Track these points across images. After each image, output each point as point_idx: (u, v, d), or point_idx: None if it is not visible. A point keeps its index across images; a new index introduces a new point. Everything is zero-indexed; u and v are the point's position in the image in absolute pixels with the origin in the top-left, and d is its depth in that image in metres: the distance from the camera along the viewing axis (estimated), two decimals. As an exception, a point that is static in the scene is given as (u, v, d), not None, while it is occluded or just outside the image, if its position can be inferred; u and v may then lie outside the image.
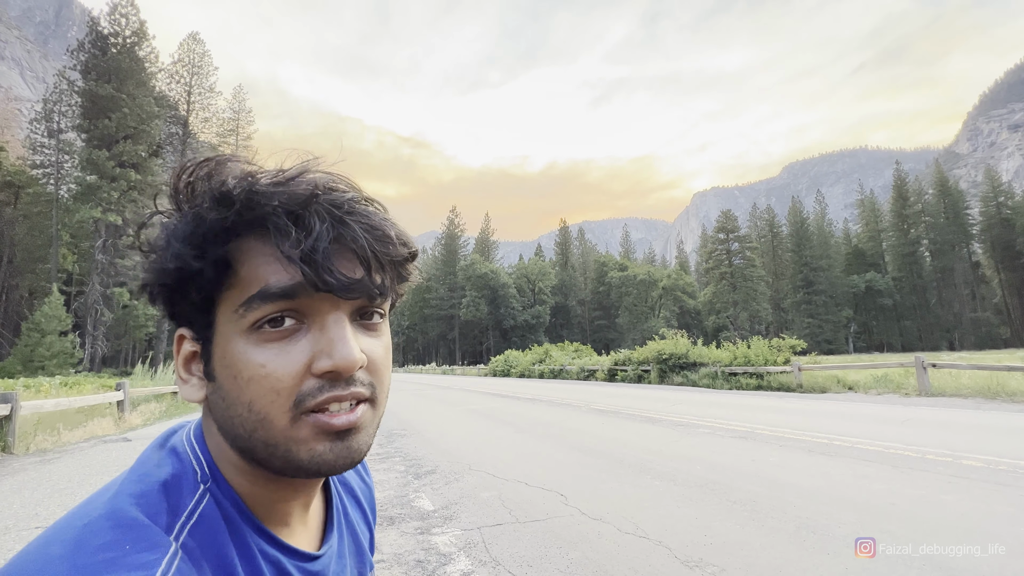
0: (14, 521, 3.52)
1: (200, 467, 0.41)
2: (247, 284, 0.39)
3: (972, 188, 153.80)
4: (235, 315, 0.39)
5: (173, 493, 0.38)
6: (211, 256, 0.39)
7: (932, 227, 77.68)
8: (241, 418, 0.39)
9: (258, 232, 0.39)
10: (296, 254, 0.38)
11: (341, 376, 0.39)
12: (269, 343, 0.39)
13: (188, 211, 0.41)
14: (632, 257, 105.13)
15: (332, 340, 0.39)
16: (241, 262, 0.39)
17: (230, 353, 0.39)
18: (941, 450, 4.67)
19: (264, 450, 0.39)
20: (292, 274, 0.38)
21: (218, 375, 0.40)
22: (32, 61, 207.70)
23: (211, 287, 0.40)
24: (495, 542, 2.88)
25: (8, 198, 45.59)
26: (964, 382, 9.67)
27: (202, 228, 0.39)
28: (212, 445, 0.43)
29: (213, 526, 0.38)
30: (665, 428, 6.79)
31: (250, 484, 0.42)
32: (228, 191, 0.39)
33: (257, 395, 0.38)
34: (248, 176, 0.40)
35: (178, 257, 0.39)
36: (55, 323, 30.96)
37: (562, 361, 26.84)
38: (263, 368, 0.38)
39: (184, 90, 46.35)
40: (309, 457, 0.39)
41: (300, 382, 0.38)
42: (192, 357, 0.43)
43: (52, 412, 7.81)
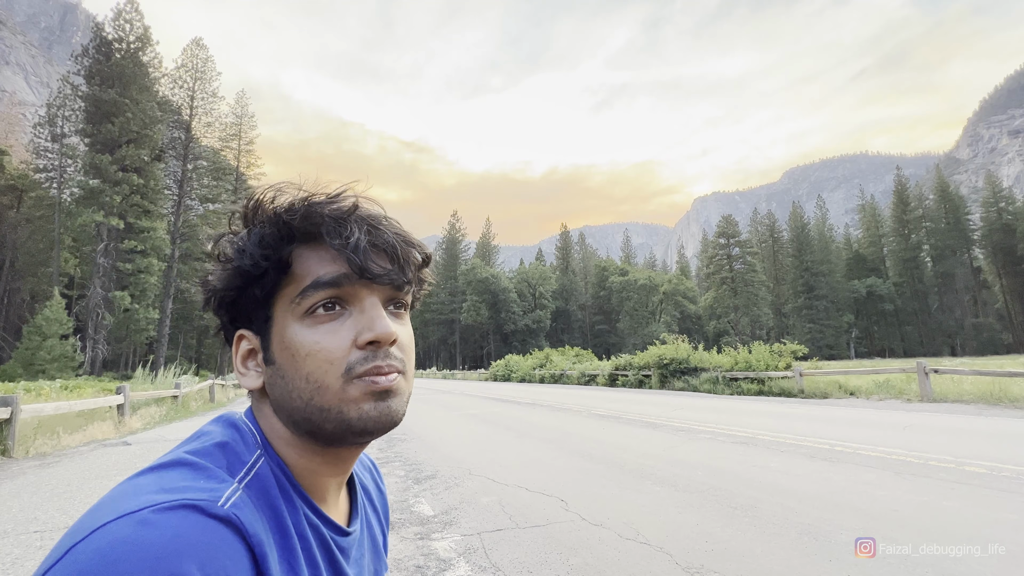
0: (12, 525, 3.50)
1: (255, 435, 0.50)
2: (301, 279, 0.49)
3: (973, 193, 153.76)
4: (292, 305, 0.49)
5: (231, 453, 0.46)
6: (275, 257, 0.49)
7: (933, 232, 77.60)
8: (299, 390, 0.48)
9: (309, 240, 0.50)
10: (344, 250, 0.48)
11: (381, 345, 0.49)
12: (321, 324, 0.48)
13: (256, 226, 0.51)
14: (633, 262, 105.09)
15: (372, 318, 0.49)
16: (296, 263, 0.50)
17: (288, 336, 0.49)
18: (944, 456, 4.65)
19: (319, 415, 0.47)
20: (338, 267, 0.49)
21: (277, 358, 0.49)
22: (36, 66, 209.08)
23: (272, 285, 0.50)
24: (495, 548, 2.87)
25: (11, 202, 45.76)
26: (966, 388, 9.63)
27: (269, 236, 0.50)
28: (265, 426, 0.51)
29: (267, 484, 0.46)
30: (666, 433, 6.77)
31: (298, 456, 0.50)
32: (292, 204, 0.50)
33: (314, 367, 0.47)
34: (305, 196, 0.51)
35: (252, 258, 0.49)
36: (56, 326, 30.98)
37: (563, 366, 26.78)
38: (318, 344, 0.48)
39: (187, 95, 46.60)
40: (358, 415, 0.47)
41: (348, 354, 0.48)
42: (249, 354, 0.52)
43: (52, 416, 7.80)
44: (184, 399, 13.47)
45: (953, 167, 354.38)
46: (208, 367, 50.63)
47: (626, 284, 78.38)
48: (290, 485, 0.48)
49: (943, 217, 77.31)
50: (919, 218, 79.05)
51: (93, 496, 4.23)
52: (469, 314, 74.73)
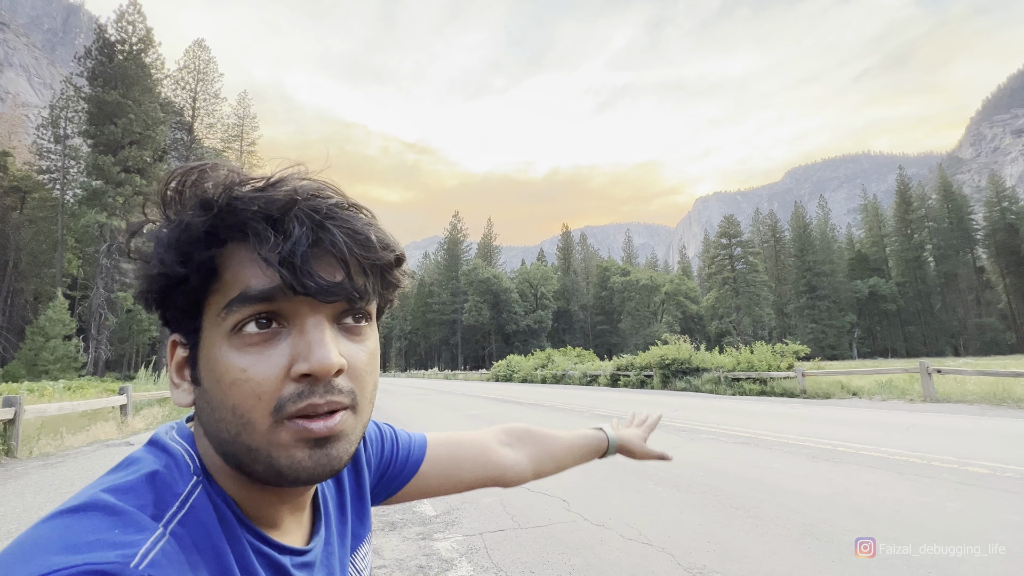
0: (16, 525, 3.52)
1: (191, 461, 0.42)
2: (229, 288, 0.40)
3: (976, 193, 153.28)
4: (218, 319, 0.40)
5: (161, 485, 0.39)
6: (195, 261, 0.40)
7: (936, 232, 77.40)
8: (225, 421, 0.40)
9: (240, 238, 0.40)
10: (275, 258, 0.38)
11: (319, 380, 0.39)
12: (250, 347, 0.39)
13: (174, 218, 0.41)
14: (634, 262, 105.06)
15: (310, 343, 0.39)
16: (225, 267, 0.40)
17: (213, 357, 0.40)
18: (946, 457, 4.64)
19: (247, 454, 0.40)
20: (271, 277, 0.39)
21: (203, 379, 0.41)
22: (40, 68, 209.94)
23: (197, 292, 0.41)
24: (497, 548, 2.87)
25: (14, 203, 45.95)
26: (969, 388, 9.60)
27: (186, 234, 0.40)
28: (201, 447, 0.43)
29: (204, 517, 0.39)
30: (668, 434, 6.76)
31: (237, 488, 0.43)
32: (208, 197, 0.40)
33: (239, 399, 0.39)
34: (229, 182, 0.41)
35: (163, 263, 0.40)
36: (59, 327, 31.09)
37: (564, 366, 26.77)
38: (244, 372, 0.39)
39: (189, 96, 46.76)
40: (288, 463, 0.39)
41: (281, 386, 0.39)
42: (184, 363, 0.44)
43: (55, 416, 7.83)
44: (186, 399, 13.49)
45: (956, 167, 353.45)
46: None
47: (628, 284, 78.35)
48: (232, 515, 0.41)
49: (946, 217, 77.11)
50: (922, 218, 78.85)
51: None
52: (471, 314, 74.77)
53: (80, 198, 37.07)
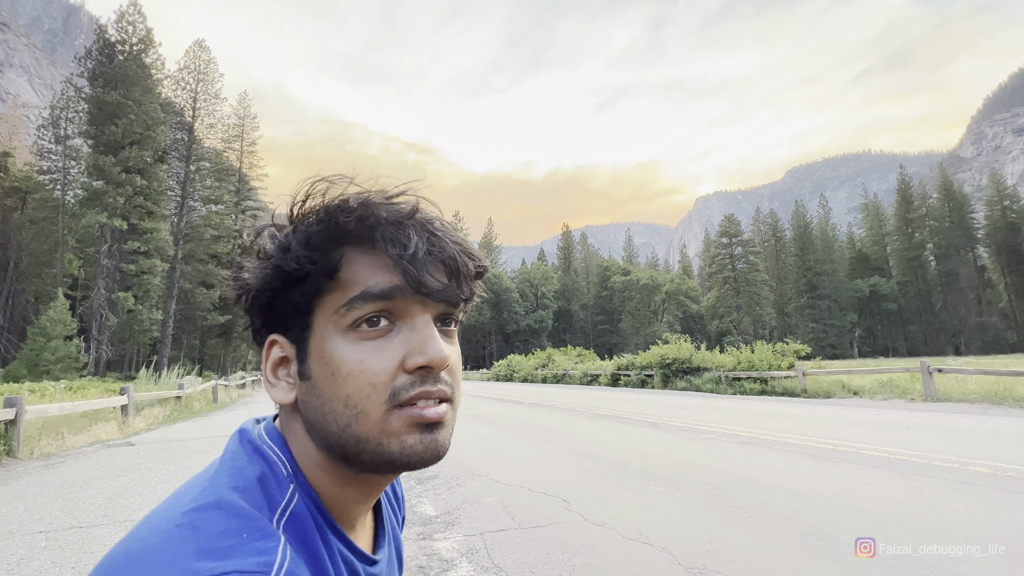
0: (18, 525, 3.52)
1: (285, 466, 0.44)
2: (348, 287, 0.43)
3: (977, 192, 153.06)
4: (335, 315, 0.43)
5: (268, 488, 0.41)
6: (323, 260, 0.43)
7: (937, 231, 77.28)
8: (336, 413, 0.42)
9: (359, 242, 0.44)
10: (399, 260, 0.43)
11: (432, 371, 0.43)
12: (366, 341, 0.43)
13: (303, 223, 0.45)
14: (635, 262, 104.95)
15: (424, 339, 0.43)
16: (344, 268, 0.44)
17: (328, 351, 0.43)
18: (948, 456, 4.63)
19: (356, 445, 0.42)
20: (391, 278, 0.43)
21: (314, 373, 0.43)
22: (40, 68, 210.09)
23: (315, 290, 0.44)
24: (497, 548, 2.87)
25: (15, 203, 46.00)
26: (971, 387, 9.59)
27: (318, 235, 0.44)
28: (295, 446, 0.45)
29: (304, 523, 0.41)
30: (668, 433, 6.76)
31: (330, 484, 0.45)
32: (347, 201, 0.44)
33: (354, 389, 0.41)
34: (361, 193, 0.45)
35: (297, 260, 0.43)
36: (60, 327, 31.12)
37: (565, 366, 26.76)
38: (361, 364, 0.42)
39: (190, 96, 46.77)
40: (400, 449, 0.42)
41: (394, 377, 0.42)
42: (281, 362, 0.46)
43: (57, 416, 7.83)
44: (188, 400, 13.52)
45: (957, 165, 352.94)
46: (211, 368, 50.75)
47: (628, 284, 78.29)
48: (323, 519, 0.44)
49: (947, 216, 76.97)
50: (923, 217, 78.72)
51: (97, 497, 4.25)
52: (471, 314, 74.60)
53: (81, 199, 37.08)
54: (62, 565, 2.77)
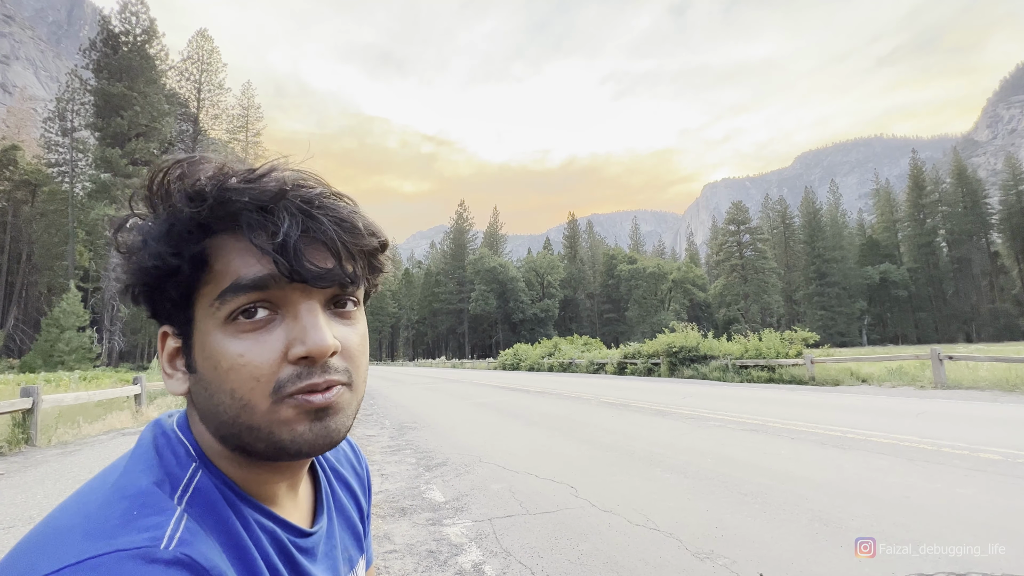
0: (38, 511, 3.61)
1: (188, 448, 0.43)
2: (221, 278, 0.41)
3: (991, 176, 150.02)
4: (211, 308, 0.41)
5: (169, 470, 0.41)
6: (187, 253, 0.41)
7: (949, 217, 76.00)
8: (224, 405, 0.41)
9: (230, 228, 0.41)
10: (268, 246, 0.40)
11: (315, 361, 0.41)
12: (245, 333, 0.41)
13: (163, 211, 0.42)
14: (641, 250, 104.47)
15: (305, 328, 0.41)
16: (215, 258, 0.41)
17: (209, 345, 0.41)
18: (957, 443, 4.60)
19: (248, 433, 0.41)
20: (264, 266, 0.40)
21: (199, 366, 0.42)
22: (46, 60, 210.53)
23: (188, 283, 0.41)
24: (506, 533, 2.91)
25: (25, 196, 46.49)
26: (982, 374, 9.50)
27: (177, 226, 0.41)
28: (197, 433, 0.45)
29: (210, 495, 0.40)
30: (675, 421, 6.77)
31: (235, 468, 0.44)
32: (201, 189, 0.40)
33: (238, 383, 0.40)
34: (219, 174, 0.41)
35: (156, 256, 0.41)
36: (73, 319, 31.61)
37: (571, 354, 26.82)
38: (241, 357, 0.40)
39: (194, 87, 46.78)
40: (291, 438, 0.41)
41: (278, 369, 0.40)
42: (176, 353, 0.45)
43: (72, 406, 7.99)
44: (199, 389, 13.73)
45: (971, 149, 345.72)
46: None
47: (635, 272, 77.96)
48: (233, 494, 0.43)
49: (960, 201, 75.62)
50: (935, 202, 77.40)
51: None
52: (477, 304, 74.91)
53: (89, 191, 37.47)
54: (82, 549, 2.83)
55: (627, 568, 2.38)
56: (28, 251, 46.55)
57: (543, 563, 2.48)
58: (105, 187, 35.77)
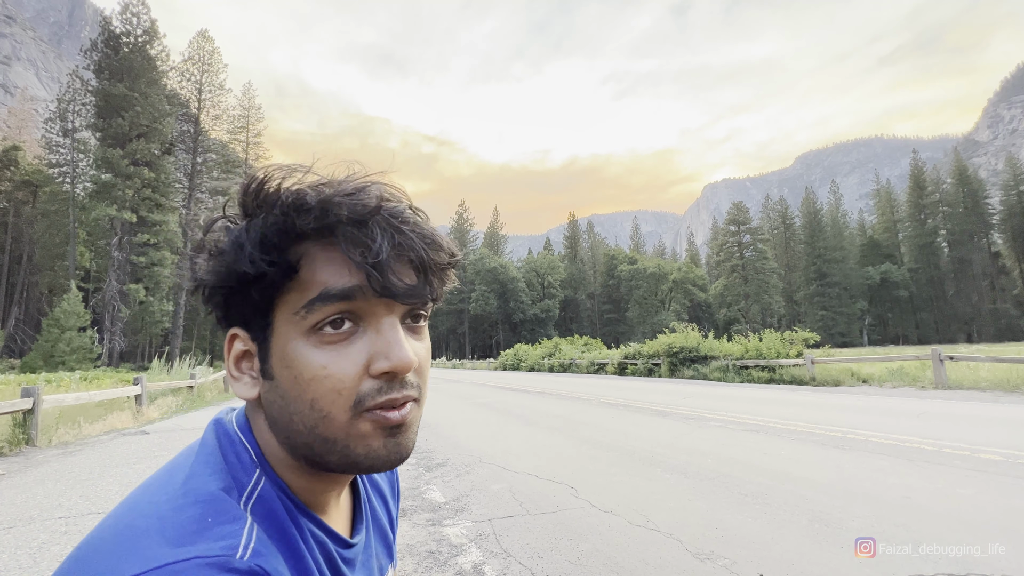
0: (38, 512, 3.61)
1: (250, 453, 0.44)
2: (308, 287, 0.41)
3: (992, 177, 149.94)
4: (295, 317, 0.41)
5: (236, 474, 0.41)
6: (280, 260, 0.41)
7: (950, 217, 75.92)
8: (302, 415, 0.41)
9: (320, 239, 0.42)
10: (361, 260, 0.41)
11: (397, 377, 0.42)
12: (329, 345, 0.41)
13: (259, 217, 0.43)
14: (642, 250, 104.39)
15: (389, 343, 0.41)
16: (302, 266, 0.41)
17: (291, 354, 0.41)
18: (958, 444, 4.60)
19: (322, 445, 0.41)
20: (353, 278, 0.41)
21: (277, 374, 0.42)
22: (47, 61, 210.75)
23: (273, 289, 0.42)
24: (506, 534, 2.90)
25: (26, 197, 46.54)
26: (983, 375, 9.48)
27: (271, 233, 0.41)
28: (260, 438, 0.45)
29: (272, 504, 0.41)
30: (676, 421, 6.77)
31: (295, 476, 0.45)
32: (304, 200, 0.41)
33: (319, 394, 0.40)
34: (320, 186, 0.42)
35: (250, 259, 0.41)
36: (74, 319, 31.64)
37: (572, 355, 26.81)
38: (324, 369, 0.40)
39: (195, 88, 46.79)
40: (365, 453, 0.42)
41: (359, 383, 0.41)
42: (243, 356, 0.45)
43: (73, 406, 8.00)
44: (200, 389, 13.73)
45: (972, 149, 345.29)
46: (222, 358, 51.26)
47: (635, 273, 77.92)
48: (291, 502, 0.43)
49: (961, 201, 75.54)
50: (936, 202, 77.34)
51: (114, 484, 4.35)
52: (478, 304, 74.91)
53: (90, 191, 37.48)
54: (82, 549, 2.84)
55: (627, 569, 2.38)
56: (29, 251, 46.62)
57: (543, 564, 2.48)
58: (106, 188, 35.74)
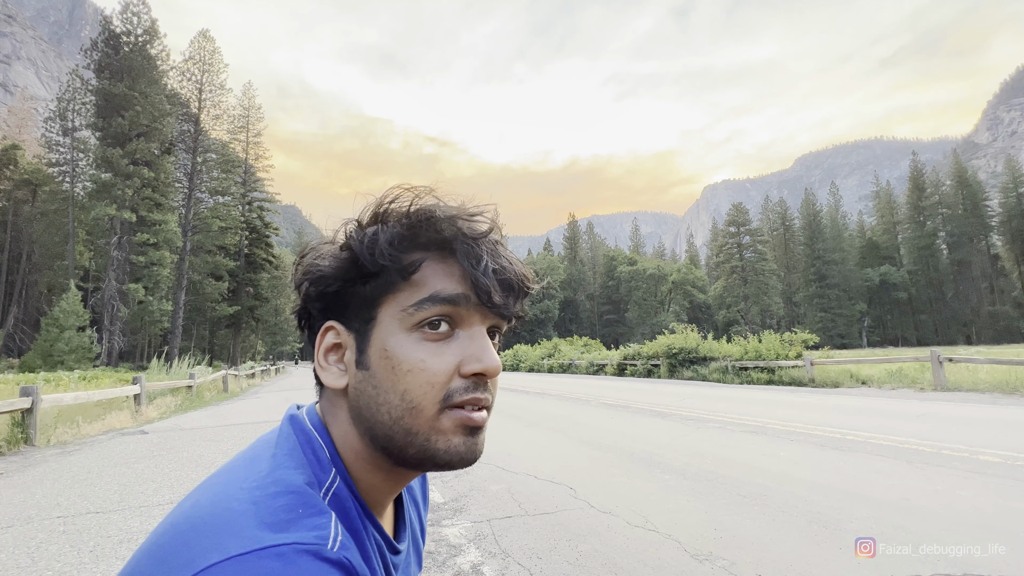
0: (37, 511, 3.61)
1: (325, 450, 0.46)
2: (418, 289, 0.46)
3: (991, 179, 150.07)
4: (402, 313, 0.46)
5: (314, 468, 0.44)
6: (403, 262, 0.47)
7: (949, 219, 76.02)
8: (390, 405, 0.45)
9: (437, 250, 0.48)
10: (471, 272, 0.46)
11: (486, 379, 0.46)
12: (428, 342, 0.45)
13: (390, 223, 0.48)
14: (642, 251, 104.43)
15: (481, 348, 0.46)
16: (418, 270, 0.47)
17: (391, 345, 0.45)
18: (957, 445, 4.60)
19: (404, 437, 0.45)
20: (459, 287, 0.46)
21: (373, 364, 0.46)
22: (47, 60, 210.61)
23: (386, 287, 0.47)
24: (504, 534, 2.90)
25: (26, 196, 46.49)
26: (982, 377, 9.49)
27: (401, 238, 0.47)
28: (336, 432, 0.48)
29: (346, 504, 0.44)
30: (675, 422, 6.77)
31: (366, 472, 0.47)
32: (433, 214, 0.47)
33: (413, 385, 0.44)
34: (447, 206, 0.49)
35: (381, 255, 0.46)
36: (73, 318, 31.58)
37: (571, 355, 26.81)
38: (422, 362, 0.44)
39: (195, 87, 46.75)
40: (445, 448, 0.45)
41: (450, 380, 0.45)
42: (333, 348, 0.49)
43: (71, 405, 7.98)
44: (199, 389, 13.71)
45: (971, 152, 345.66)
46: (221, 358, 51.41)
47: (635, 274, 77.94)
48: (358, 504, 0.46)
49: (960, 203, 75.65)
50: (935, 204, 77.45)
51: (113, 484, 4.34)
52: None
53: (90, 191, 37.42)
54: (80, 548, 2.83)
55: (626, 569, 2.38)
56: (28, 251, 46.56)
57: (542, 564, 2.48)
58: (106, 187, 35.67)
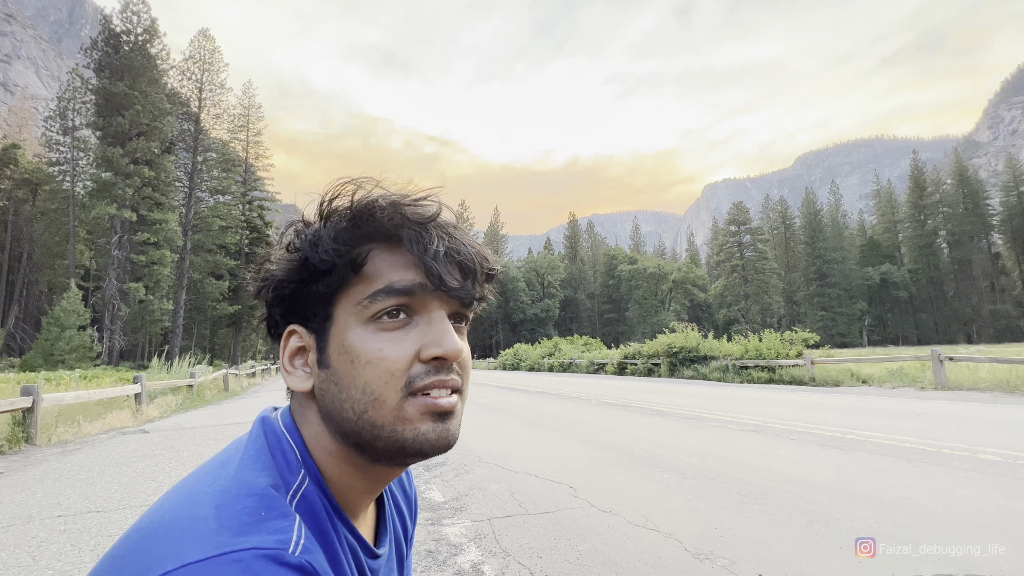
0: (38, 510, 3.61)
1: (295, 452, 0.46)
2: (372, 281, 0.46)
3: (992, 177, 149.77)
4: (358, 307, 0.46)
5: (282, 470, 0.44)
6: (350, 255, 0.46)
7: (950, 218, 75.94)
8: (353, 400, 0.44)
9: (385, 240, 0.47)
10: (422, 259, 0.46)
11: (446, 363, 0.46)
12: (385, 332, 0.45)
13: (333, 219, 0.48)
14: (642, 250, 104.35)
15: (440, 332, 0.46)
16: (367, 263, 0.47)
17: (349, 340, 0.45)
18: (957, 444, 4.60)
19: (371, 431, 0.44)
20: (413, 275, 0.46)
21: (334, 362, 0.46)
22: (47, 60, 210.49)
23: (339, 283, 0.47)
24: (505, 533, 2.90)
25: (26, 195, 46.50)
26: (982, 376, 9.48)
27: (346, 232, 0.47)
28: (308, 433, 0.48)
29: (315, 506, 0.43)
30: (675, 421, 6.77)
31: (340, 472, 0.47)
32: (376, 203, 0.47)
33: (373, 376, 0.44)
34: (389, 195, 0.48)
35: (328, 253, 0.46)
36: (74, 318, 31.62)
37: (571, 354, 26.82)
38: (380, 352, 0.44)
39: (195, 86, 46.75)
40: (413, 436, 0.44)
41: (410, 366, 0.45)
42: (298, 351, 0.49)
43: (72, 405, 7.99)
44: (199, 388, 13.73)
45: (972, 150, 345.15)
46: (222, 357, 51.47)
47: (635, 273, 77.90)
48: (330, 505, 0.45)
49: (961, 202, 75.58)
50: (936, 203, 77.36)
51: (113, 483, 4.35)
52: (477, 303, 74.91)
53: (90, 190, 37.42)
54: (80, 547, 2.84)
55: (626, 569, 2.38)
56: (29, 250, 46.58)
57: (542, 563, 2.48)
58: (106, 186, 35.68)
